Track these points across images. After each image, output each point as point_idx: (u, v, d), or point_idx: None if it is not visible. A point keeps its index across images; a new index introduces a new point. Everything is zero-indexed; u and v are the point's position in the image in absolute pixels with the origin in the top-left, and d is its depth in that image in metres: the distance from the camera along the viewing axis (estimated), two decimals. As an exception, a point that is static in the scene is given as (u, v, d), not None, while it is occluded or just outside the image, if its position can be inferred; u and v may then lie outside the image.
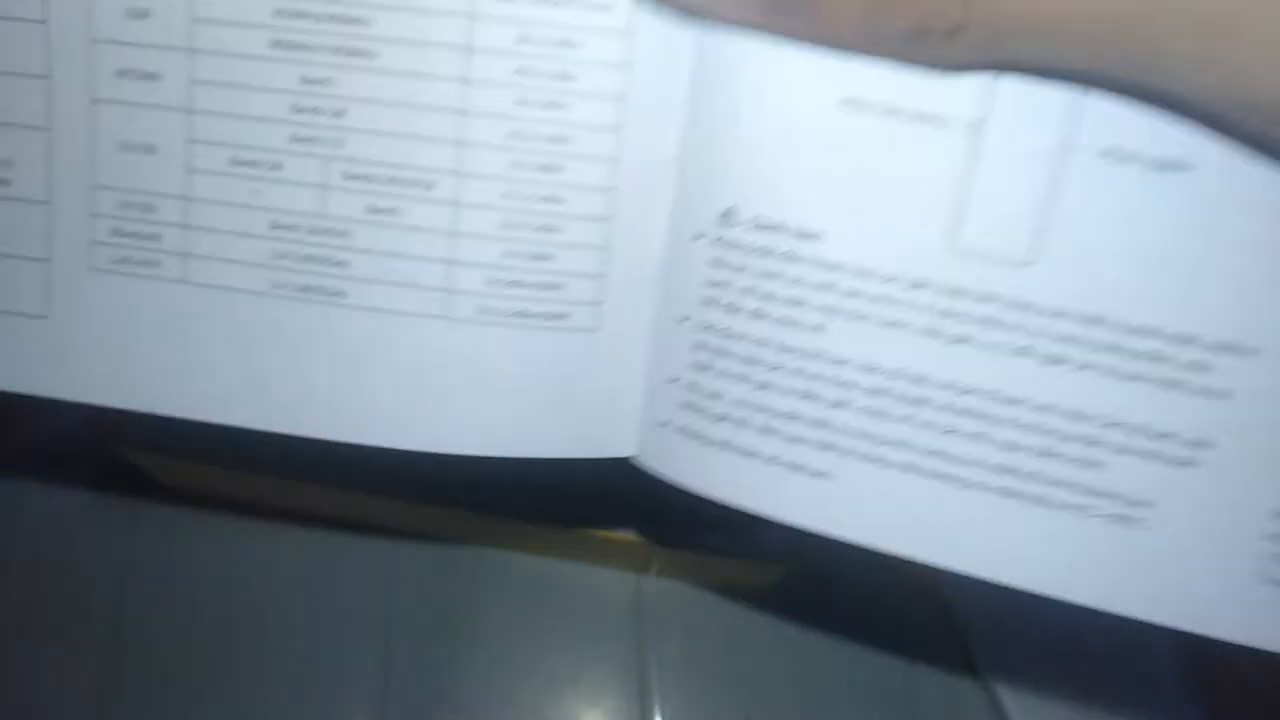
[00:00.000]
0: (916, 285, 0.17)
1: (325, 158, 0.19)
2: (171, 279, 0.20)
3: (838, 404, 0.18)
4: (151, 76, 0.19)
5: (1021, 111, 0.17)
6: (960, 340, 0.17)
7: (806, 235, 0.18)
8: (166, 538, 0.34)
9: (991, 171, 0.17)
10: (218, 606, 0.33)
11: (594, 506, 0.31)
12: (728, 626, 0.34)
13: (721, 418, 0.19)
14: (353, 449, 0.20)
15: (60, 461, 0.35)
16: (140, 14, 0.19)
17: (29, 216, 0.20)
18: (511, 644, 0.34)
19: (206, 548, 0.34)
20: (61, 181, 0.20)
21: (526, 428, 0.20)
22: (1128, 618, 0.17)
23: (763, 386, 0.19)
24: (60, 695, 0.32)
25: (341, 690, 0.33)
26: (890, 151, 0.17)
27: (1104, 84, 0.16)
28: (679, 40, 0.18)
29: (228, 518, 0.34)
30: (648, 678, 0.34)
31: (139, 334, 0.20)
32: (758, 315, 0.18)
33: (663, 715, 0.33)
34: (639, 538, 0.31)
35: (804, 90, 0.17)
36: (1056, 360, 0.17)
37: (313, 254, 0.19)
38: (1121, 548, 0.17)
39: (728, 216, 0.19)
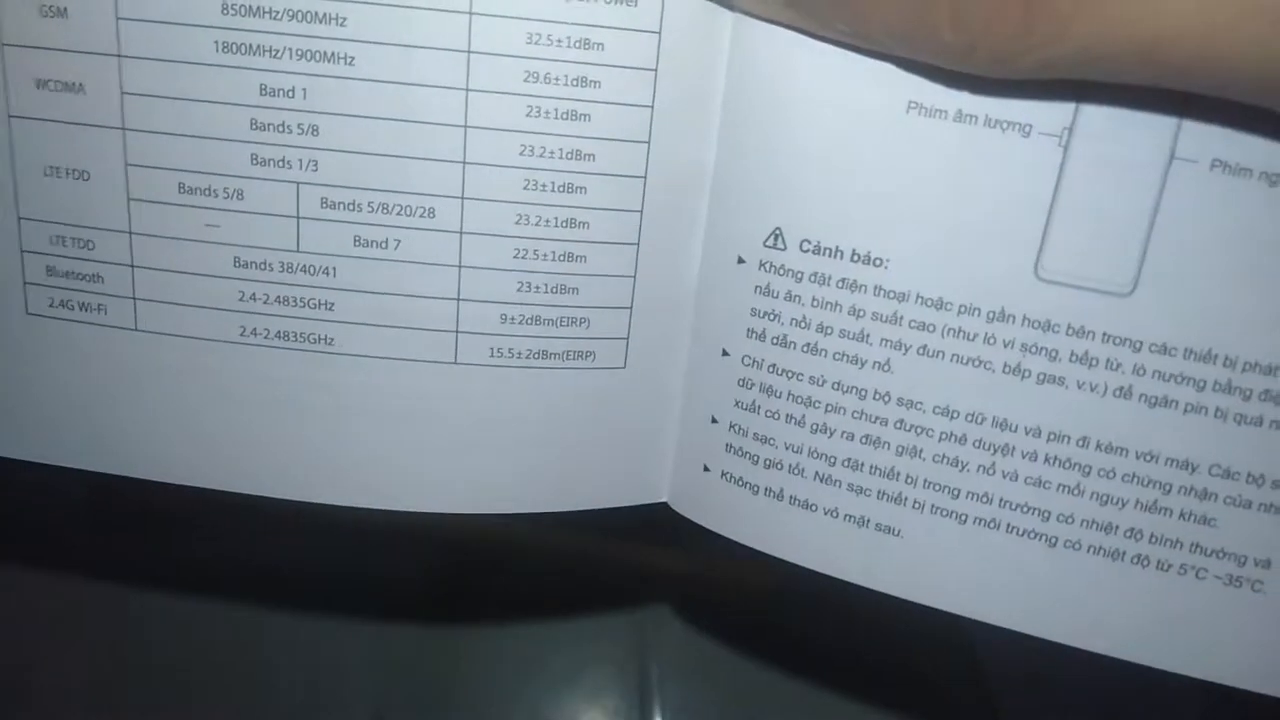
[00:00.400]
0: (997, 317, 0.15)
1: (296, 182, 0.16)
2: (120, 326, 0.17)
3: (907, 451, 0.16)
4: (74, 87, 0.16)
5: (1116, 118, 0.14)
6: (1049, 380, 0.15)
7: (868, 260, 0.16)
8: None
9: (1082, 186, 0.15)
10: (204, 688, 0.31)
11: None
12: (728, 626, 0.33)
13: (772, 463, 0.17)
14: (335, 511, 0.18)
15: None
16: (55, 12, 0.15)
17: (-58, 258, 0.17)
18: (511, 642, 0.33)
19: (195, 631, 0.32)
20: (-23, 215, 0.17)
21: (548, 481, 0.18)
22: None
23: (820, 430, 0.17)
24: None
25: (341, 690, 0.31)
26: (965, 164, 0.15)
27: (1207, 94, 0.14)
28: (714, 38, 0.15)
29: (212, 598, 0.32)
30: (648, 678, 0.33)
31: (87, 386, 0.17)
32: (812, 350, 0.16)
33: (662, 715, 0.32)
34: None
35: (863, 93, 0.15)
36: (1160, 402, 0.15)
37: (288, 295, 0.16)
38: (1236, 613, 0.15)
39: (774, 239, 0.16)
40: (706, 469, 0.18)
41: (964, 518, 0.16)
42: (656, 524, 0.19)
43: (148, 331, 0.17)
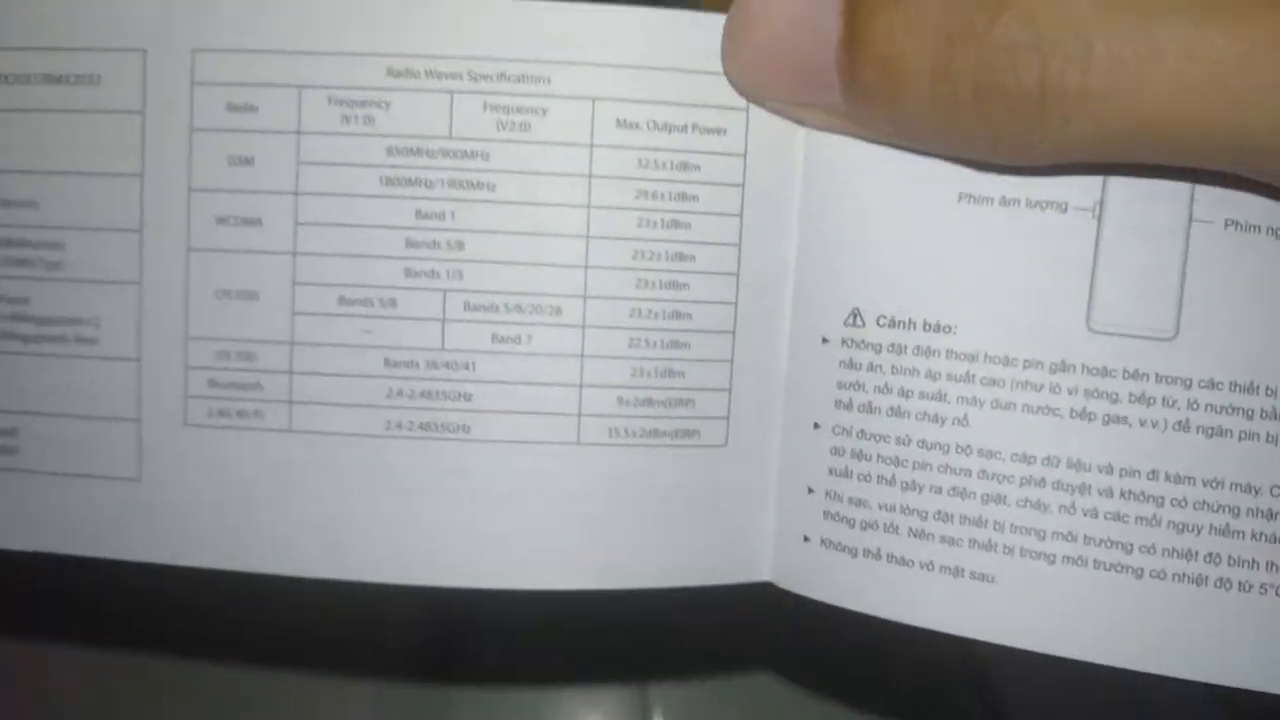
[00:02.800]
0: (1060, 368, 0.18)
1: (443, 290, 0.19)
2: (275, 429, 0.19)
3: (993, 499, 0.18)
4: (253, 222, 0.19)
5: (1139, 189, 0.17)
6: (1114, 420, 0.17)
7: (938, 329, 0.18)
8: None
9: (1118, 249, 0.17)
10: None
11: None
12: (728, 625, 0.32)
13: (868, 525, 0.19)
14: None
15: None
16: (243, 161, 0.19)
17: (117, 375, 0.19)
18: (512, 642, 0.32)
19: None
20: (152, 336, 0.19)
21: (660, 557, 0.19)
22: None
23: (910, 487, 0.18)
24: None
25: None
26: (1013, 240, 0.18)
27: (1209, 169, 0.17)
28: (790, 155, 0.19)
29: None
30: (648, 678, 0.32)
31: (240, 490, 0.19)
32: (896, 413, 0.18)
33: (663, 716, 0.31)
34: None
35: (920, 189, 0.18)
36: (1217, 432, 0.17)
37: (432, 389, 0.19)
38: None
39: (854, 317, 0.19)
40: (806, 539, 0.19)
41: (1052, 558, 0.18)
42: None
43: (300, 431, 0.19)
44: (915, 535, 0.18)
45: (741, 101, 0.18)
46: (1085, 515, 0.18)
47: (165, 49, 0.18)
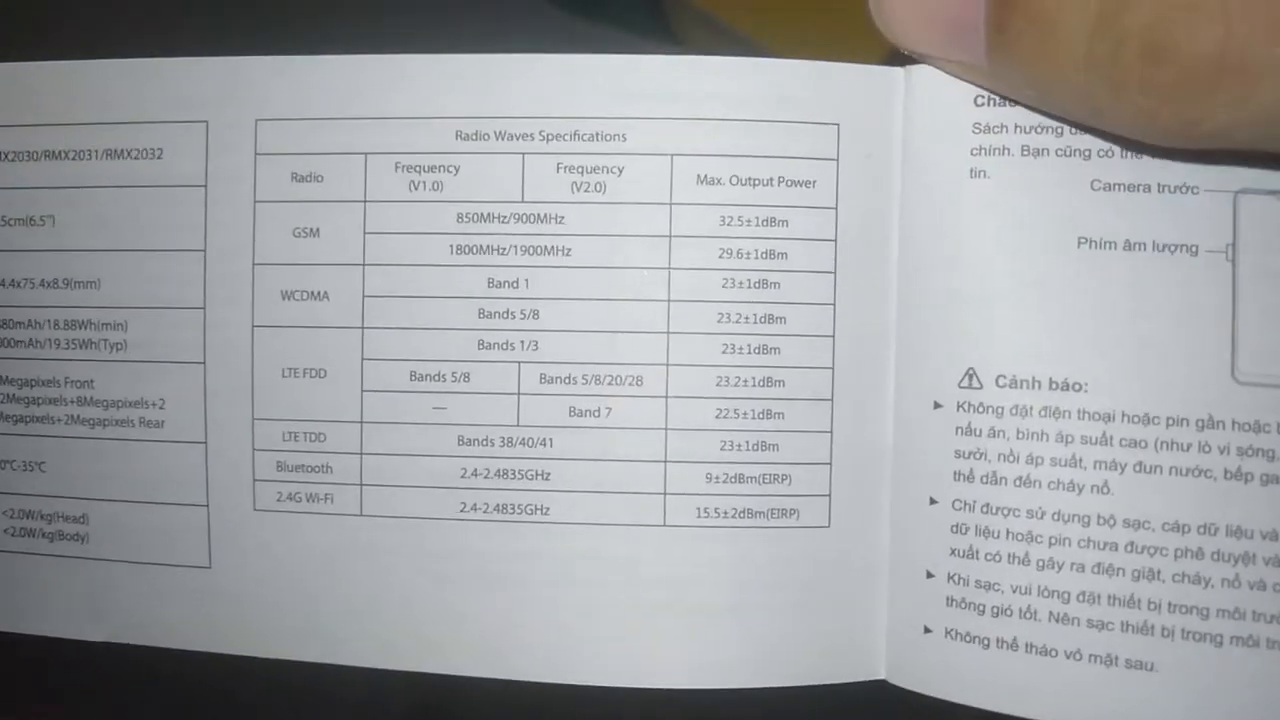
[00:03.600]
0: (1207, 425, 0.16)
1: (518, 362, 0.17)
2: (345, 513, 0.18)
3: (1144, 575, 0.16)
4: (319, 296, 0.18)
5: (1272, 230, 0.15)
6: (1273, 480, 0.15)
7: (1066, 387, 0.16)
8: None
9: (1258, 294, 0.16)
10: None
11: None
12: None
13: (1001, 611, 0.16)
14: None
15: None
16: (308, 232, 0.18)
17: (184, 459, 0.18)
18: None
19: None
20: (218, 417, 0.18)
21: (758, 653, 0.17)
22: None
23: (1047, 565, 0.16)
24: None
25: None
26: (1141, 287, 0.16)
27: None
28: (885, 206, 0.17)
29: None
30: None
31: (312, 578, 0.18)
32: (1025, 483, 0.16)
33: None
34: None
35: (1032, 235, 0.16)
36: (1404, 493, 0.15)
37: (507, 468, 0.17)
38: None
39: (969, 379, 0.17)
40: (927, 630, 0.17)
41: (1219, 639, 0.15)
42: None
43: (372, 516, 0.18)
44: (1058, 620, 0.16)
45: (831, 150, 0.17)
46: (1252, 588, 0.15)
47: (227, 120, 0.18)
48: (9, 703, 0.29)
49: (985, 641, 0.17)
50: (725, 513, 0.17)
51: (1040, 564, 0.16)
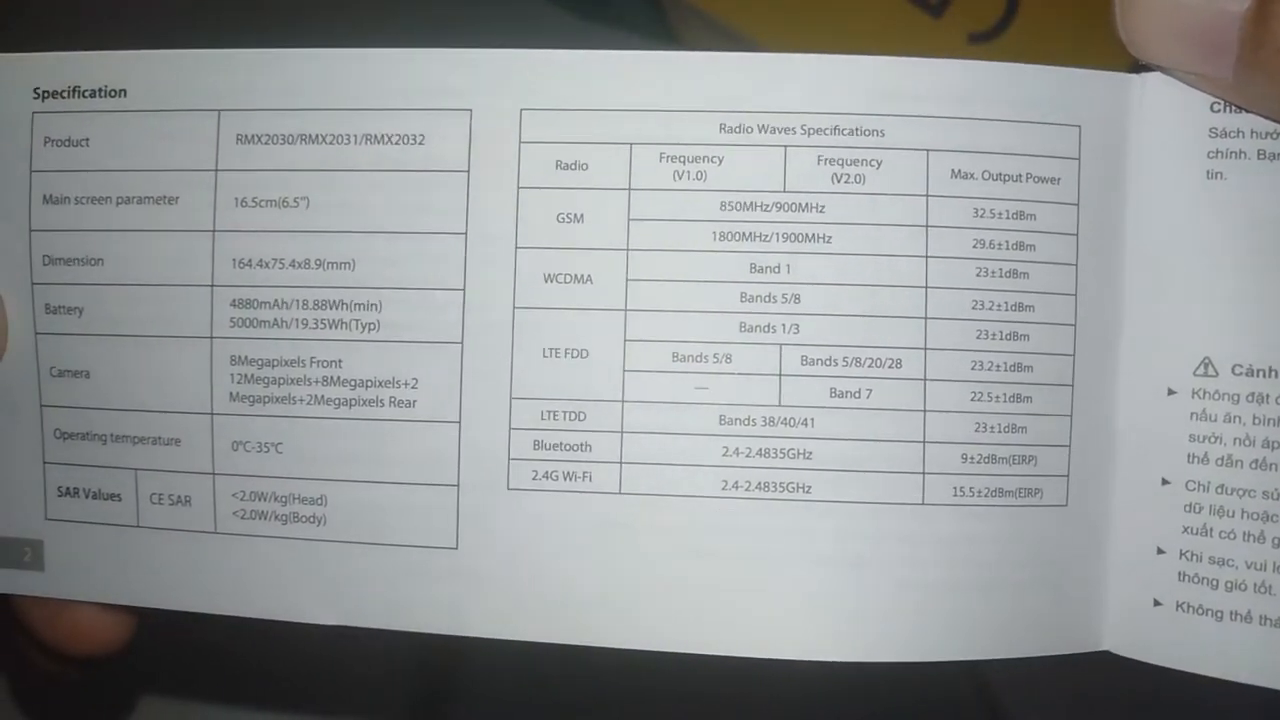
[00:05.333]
0: None
1: (779, 344, 0.18)
2: (604, 491, 0.18)
3: (1384, 550, 0.17)
4: (582, 279, 0.18)
5: None
6: None
7: (1302, 377, 0.17)
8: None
9: None
10: None
11: None
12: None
13: (1234, 585, 0.17)
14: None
15: None
16: (572, 218, 0.18)
17: (435, 439, 0.18)
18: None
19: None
20: (474, 397, 0.18)
21: (992, 625, 0.18)
22: None
23: (1285, 542, 0.17)
24: None
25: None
26: None
27: None
28: (1121, 203, 0.18)
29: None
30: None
31: (566, 556, 0.18)
32: (1262, 465, 0.17)
33: None
34: None
35: (1267, 229, 0.17)
36: None
37: (769, 447, 0.18)
38: None
39: (1204, 367, 0.18)
40: (1157, 603, 0.18)
41: None
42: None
43: (631, 494, 0.18)
44: (1292, 594, 0.17)
45: (1073, 150, 0.18)
46: None
47: (492, 109, 0.18)
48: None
49: (1219, 614, 0.18)
50: (979, 492, 0.18)
51: (1276, 541, 0.17)
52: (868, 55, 0.18)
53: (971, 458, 0.18)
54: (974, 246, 0.18)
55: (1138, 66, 0.18)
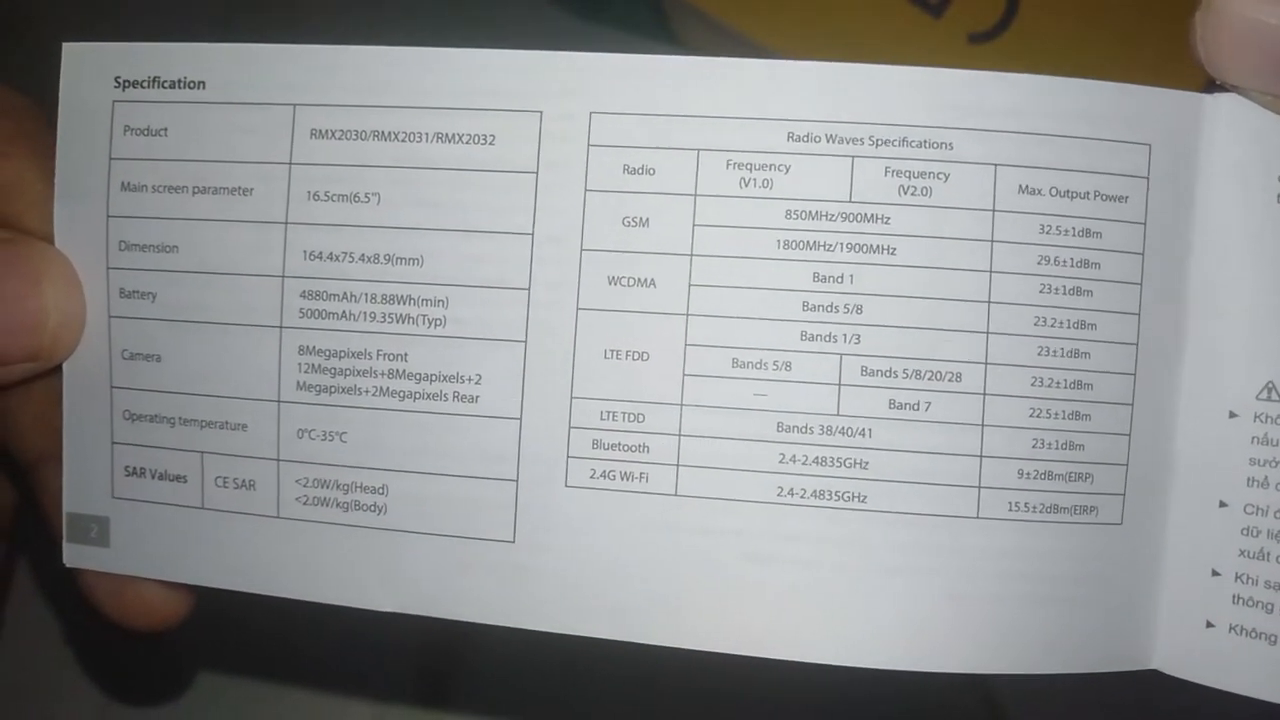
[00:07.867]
0: None
1: (840, 354, 0.18)
2: (660, 492, 0.18)
3: None
4: (646, 283, 0.19)
5: None
6: None
7: (1367, 406, 0.17)
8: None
9: None
10: None
11: None
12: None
13: (1291, 610, 0.18)
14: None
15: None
16: (638, 222, 0.19)
17: (496, 434, 0.19)
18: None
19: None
20: (536, 394, 0.19)
21: (1042, 639, 0.18)
22: None
23: (1345, 571, 0.17)
24: None
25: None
26: None
27: None
28: (1188, 222, 0.18)
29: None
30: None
31: (620, 555, 0.18)
32: (1324, 493, 0.17)
33: None
34: None
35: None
36: None
37: (826, 455, 0.18)
38: None
39: (1268, 392, 0.18)
40: (1210, 624, 0.18)
41: None
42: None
43: (687, 496, 0.18)
44: (1350, 623, 0.17)
45: (1142, 169, 0.18)
46: None
47: (562, 111, 0.19)
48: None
49: (1273, 638, 0.18)
50: (1035, 507, 0.18)
51: (1340, 568, 0.17)
52: (937, 68, 0.18)
53: (1028, 473, 0.18)
54: (1039, 263, 0.18)
55: (1211, 86, 0.18)
